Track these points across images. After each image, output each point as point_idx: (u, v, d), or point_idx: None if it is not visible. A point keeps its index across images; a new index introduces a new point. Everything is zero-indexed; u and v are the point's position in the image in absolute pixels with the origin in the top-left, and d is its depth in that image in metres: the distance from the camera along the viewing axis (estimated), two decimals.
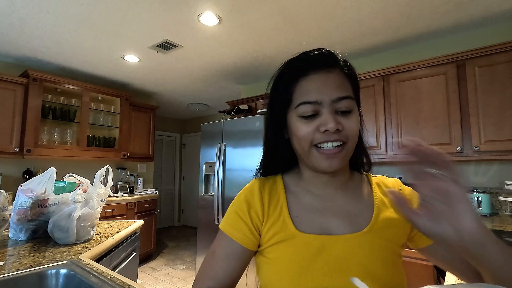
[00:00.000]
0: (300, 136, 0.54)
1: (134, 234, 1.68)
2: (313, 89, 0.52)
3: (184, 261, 3.81)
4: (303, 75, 0.54)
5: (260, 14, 2.21)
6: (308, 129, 0.52)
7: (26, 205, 1.28)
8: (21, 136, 2.95)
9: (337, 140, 0.51)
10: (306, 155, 0.55)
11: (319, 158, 0.52)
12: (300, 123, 0.54)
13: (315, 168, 0.55)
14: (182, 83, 3.95)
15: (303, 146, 0.54)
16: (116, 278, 0.87)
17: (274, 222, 0.57)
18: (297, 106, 0.54)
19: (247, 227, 0.57)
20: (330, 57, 0.55)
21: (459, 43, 2.48)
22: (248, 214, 0.58)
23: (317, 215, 0.57)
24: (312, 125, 0.52)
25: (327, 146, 0.52)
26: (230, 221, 0.59)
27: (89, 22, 2.35)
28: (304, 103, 0.53)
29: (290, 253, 0.53)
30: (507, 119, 1.97)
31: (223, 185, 2.90)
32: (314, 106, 0.52)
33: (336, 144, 0.51)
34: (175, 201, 6.32)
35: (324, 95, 0.52)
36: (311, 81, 0.53)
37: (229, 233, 0.58)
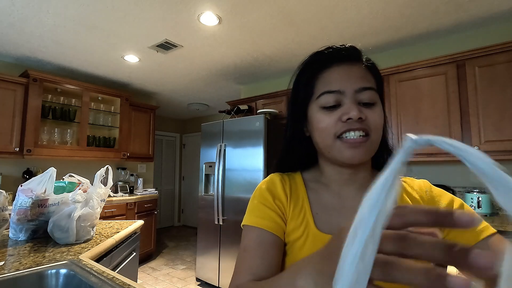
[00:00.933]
0: (322, 127, 0.52)
1: (134, 234, 1.68)
2: (336, 79, 0.52)
3: (184, 261, 3.81)
4: (325, 67, 0.53)
5: (260, 14, 2.21)
6: (330, 119, 0.51)
7: (26, 205, 1.28)
8: (21, 136, 2.95)
9: (360, 129, 0.49)
10: (328, 149, 0.52)
11: (342, 148, 0.50)
12: (322, 114, 0.52)
13: (338, 161, 0.53)
14: (182, 83, 3.95)
15: (325, 138, 0.52)
16: (116, 278, 0.87)
17: (296, 216, 0.55)
18: (318, 97, 0.53)
19: (276, 214, 0.55)
20: (354, 51, 0.55)
21: (459, 43, 2.48)
22: (273, 202, 0.56)
23: (336, 214, 0.55)
24: (334, 116, 0.50)
25: (350, 136, 0.49)
26: (256, 212, 0.55)
27: (89, 22, 2.35)
28: (326, 93, 0.51)
29: (305, 252, 0.52)
30: (507, 119, 1.98)
31: (223, 185, 2.90)
32: (337, 95, 0.51)
33: (360, 133, 0.49)
34: (175, 201, 6.32)
35: (347, 85, 0.51)
36: (334, 72, 0.53)
37: (258, 224, 0.53)
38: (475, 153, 0.22)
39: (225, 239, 2.84)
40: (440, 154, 2.21)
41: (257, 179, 2.65)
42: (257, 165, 2.66)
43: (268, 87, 3.80)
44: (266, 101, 3.40)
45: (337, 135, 0.50)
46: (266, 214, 0.54)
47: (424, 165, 2.57)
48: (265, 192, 0.57)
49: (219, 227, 2.90)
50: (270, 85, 3.80)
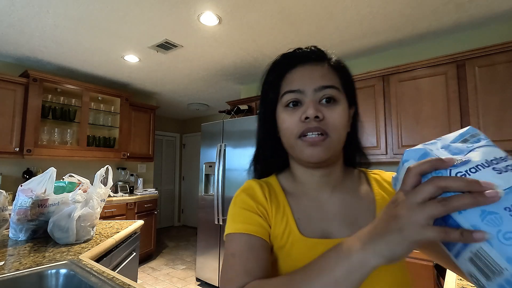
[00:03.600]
0: (285, 127, 0.53)
1: (134, 234, 1.68)
2: (298, 79, 0.53)
3: (184, 261, 3.81)
4: (291, 68, 0.55)
5: (260, 14, 2.21)
6: (293, 119, 0.52)
7: (26, 205, 1.28)
8: (21, 136, 2.95)
9: (318, 129, 0.50)
10: (292, 148, 0.54)
11: (303, 147, 0.51)
12: (285, 114, 0.53)
13: (300, 160, 0.55)
14: (182, 83, 3.95)
15: (288, 138, 0.53)
16: (116, 278, 0.87)
17: (280, 222, 0.54)
18: (281, 96, 0.54)
19: (261, 218, 0.54)
20: (318, 53, 0.56)
21: (459, 43, 2.48)
22: (256, 207, 0.55)
23: (316, 218, 0.55)
24: (296, 116, 0.52)
25: (309, 135, 0.51)
26: (241, 218, 0.54)
27: (89, 22, 2.35)
28: (287, 92, 0.53)
29: (294, 259, 0.51)
30: (507, 119, 1.98)
31: (223, 185, 2.90)
32: (297, 94, 0.52)
33: (317, 133, 0.50)
34: (175, 201, 6.32)
35: (307, 84, 0.52)
36: (297, 73, 0.54)
37: (245, 230, 0.51)
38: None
39: None
40: None
41: None
42: None
43: None
44: None
45: (298, 135, 0.51)
46: (251, 219, 0.53)
47: None
48: (246, 198, 0.56)
49: (219, 227, 2.90)
50: None
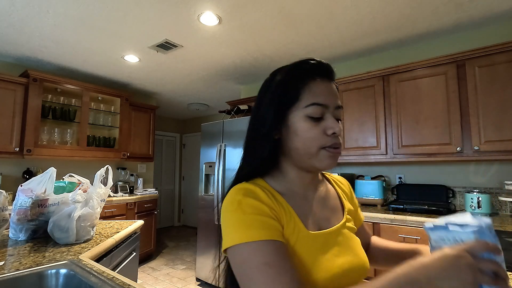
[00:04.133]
0: (308, 137, 0.56)
1: (134, 234, 1.68)
2: (322, 93, 0.57)
3: (184, 261, 3.81)
4: (312, 78, 0.58)
5: (260, 14, 2.21)
6: (317, 131, 0.56)
7: (26, 205, 1.28)
8: (21, 136, 2.95)
9: (338, 144, 0.58)
10: (309, 156, 0.57)
11: (324, 157, 0.57)
12: (308, 124, 0.56)
13: (313, 167, 0.59)
14: (182, 83, 3.95)
15: (310, 147, 0.56)
16: (116, 278, 0.87)
17: (288, 221, 0.55)
18: (307, 106, 0.56)
19: (277, 222, 0.53)
20: (331, 70, 0.61)
21: (459, 43, 2.48)
22: (269, 211, 0.53)
23: (310, 213, 0.61)
24: (319, 128, 0.56)
25: (332, 148, 0.57)
26: (257, 224, 0.50)
27: (89, 22, 2.35)
28: (315, 104, 0.56)
29: (303, 254, 0.54)
30: (507, 119, 1.98)
31: (223, 185, 2.90)
32: (322, 109, 0.57)
33: (336, 146, 0.57)
34: (175, 201, 6.32)
35: (331, 101, 0.58)
36: (321, 85, 0.58)
37: (267, 236, 0.49)
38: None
39: None
40: (440, 154, 2.22)
41: None
42: None
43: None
44: None
45: (321, 146, 0.56)
46: (269, 223, 0.51)
47: (424, 165, 2.57)
48: (255, 202, 0.53)
49: (219, 227, 2.90)
50: None
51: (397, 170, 2.71)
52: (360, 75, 2.64)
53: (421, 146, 2.30)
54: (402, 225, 2.06)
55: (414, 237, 1.99)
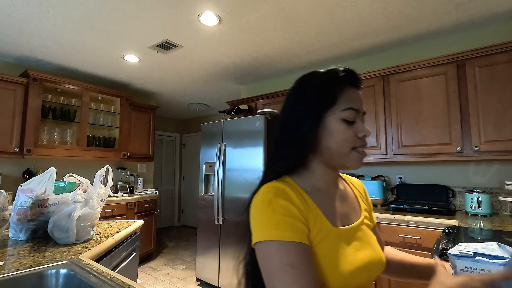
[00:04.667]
0: (343, 138, 0.62)
1: (134, 234, 1.68)
2: (357, 99, 0.64)
3: (184, 261, 3.81)
4: (347, 85, 0.64)
5: (260, 14, 2.21)
6: (350, 133, 0.62)
7: (26, 205, 1.28)
8: (21, 136, 2.95)
9: (366, 146, 0.65)
10: (340, 155, 0.62)
11: (355, 158, 0.63)
12: (343, 126, 0.62)
13: (343, 166, 0.64)
14: (182, 83, 3.95)
15: (343, 147, 0.62)
16: (116, 278, 0.87)
17: (314, 220, 0.59)
18: (344, 110, 0.62)
19: (304, 225, 0.56)
20: (360, 79, 0.68)
21: (459, 43, 2.48)
22: (299, 213, 0.56)
23: (334, 209, 0.65)
24: (352, 131, 0.62)
25: (361, 149, 0.63)
26: (285, 226, 0.54)
27: (89, 22, 2.35)
28: (351, 109, 0.62)
29: (328, 250, 0.58)
30: (507, 119, 1.98)
31: (223, 185, 2.90)
32: (356, 113, 0.63)
33: (365, 147, 0.64)
34: (175, 201, 6.32)
35: (361, 107, 0.64)
36: (354, 92, 0.64)
37: (293, 238, 0.53)
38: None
39: (225, 239, 2.84)
40: (440, 154, 2.22)
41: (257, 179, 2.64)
42: (257, 165, 2.66)
43: (268, 87, 3.80)
44: (266, 101, 3.40)
45: (352, 147, 0.62)
46: (296, 226, 0.54)
47: (424, 165, 2.57)
48: (286, 203, 0.56)
49: (219, 227, 2.90)
50: (270, 85, 3.80)
51: (397, 170, 2.71)
52: (360, 75, 2.62)
53: (421, 146, 2.30)
54: (402, 225, 2.06)
55: (414, 236, 1.99)
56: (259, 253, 0.54)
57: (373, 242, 0.67)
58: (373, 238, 0.68)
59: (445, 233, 1.52)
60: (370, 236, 0.67)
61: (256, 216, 0.56)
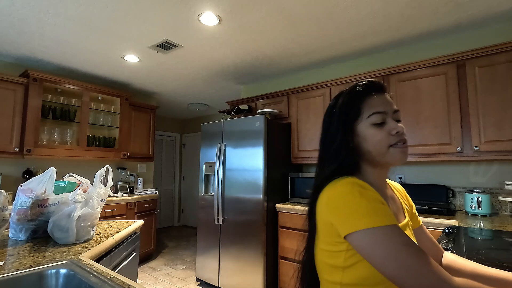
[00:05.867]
0: (378, 140, 0.68)
1: (134, 234, 1.68)
2: (380, 103, 0.70)
3: (184, 261, 3.81)
4: (369, 95, 0.71)
5: (260, 14, 2.21)
6: (383, 134, 0.68)
7: (26, 205, 1.28)
8: (21, 136, 2.95)
9: (405, 140, 0.69)
10: (382, 155, 0.68)
11: (396, 152, 0.67)
12: (374, 130, 0.68)
13: (388, 163, 0.70)
14: (182, 83, 3.95)
15: (380, 148, 0.68)
16: (116, 278, 0.87)
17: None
18: (369, 116, 0.69)
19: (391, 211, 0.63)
20: (381, 85, 0.74)
21: (459, 43, 2.48)
22: (384, 201, 0.63)
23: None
24: (384, 131, 0.68)
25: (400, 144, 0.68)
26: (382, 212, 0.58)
27: (89, 22, 2.35)
28: (376, 113, 0.69)
29: None
30: (507, 119, 1.98)
31: (223, 185, 2.90)
32: (383, 115, 0.69)
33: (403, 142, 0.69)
34: (175, 201, 6.32)
35: (388, 108, 0.70)
36: (376, 98, 0.71)
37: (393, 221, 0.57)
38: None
39: (225, 239, 2.84)
40: (440, 154, 2.21)
41: (257, 179, 2.64)
42: (257, 165, 2.66)
43: (268, 87, 3.80)
44: (266, 101, 3.40)
45: (389, 145, 0.68)
46: (389, 212, 0.60)
47: (424, 165, 2.57)
48: (374, 193, 0.61)
49: (219, 227, 2.90)
50: (270, 85, 3.80)
51: (397, 170, 2.71)
52: (360, 75, 2.64)
53: (421, 146, 2.30)
54: None
55: None
56: (362, 241, 0.56)
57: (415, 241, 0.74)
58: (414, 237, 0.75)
59: (445, 233, 1.52)
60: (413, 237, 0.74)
61: (346, 206, 0.59)
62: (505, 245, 1.30)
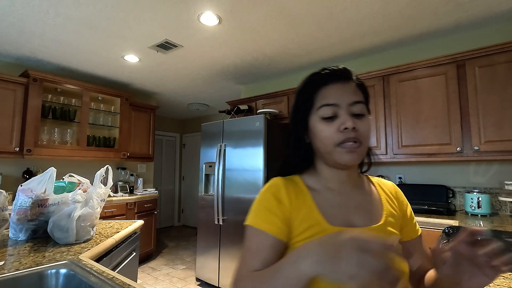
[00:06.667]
0: (324, 136, 0.61)
1: (134, 234, 1.68)
2: (332, 94, 0.62)
3: (184, 261, 3.81)
4: (323, 84, 0.63)
5: (260, 14, 2.21)
6: (331, 129, 0.60)
7: (26, 205, 1.28)
8: (21, 136, 2.95)
9: (354, 139, 0.59)
10: (329, 153, 0.62)
11: (342, 153, 0.60)
12: (322, 125, 0.61)
13: (336, 164, 0.62)
14: (182, 83, 3.95)
15: (327, 145, 0.61)
16: (116, 278, 0.87)
17: (306, 217, 0.61)
18: (318, 109, 0.62)
19: (279, 220, 0.60)
20: (346, 71, 0.65)
21: (459, 43, 2.48)
22: (278, 208, 0.61)
23: (340, 209, 0.63)
24: (333, 126, 0.60)
25: (347, 143, 0.59)
26: (261, 216, 0.61)
27: (89, 22, 2.35)
28: (324, 105, 0.61)
29: None
30: (507, 119, 1.98)
31: (223, 185, 2.90)
32: (333, 108, 0.61)
33: (353, 141, 0.59)
34: (175, 201, 6.31)
35: (342, 99, 0.61)
36: (331, 89, 0.63)
37: (262, 227, 0.59)
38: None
39: (225, 239, 2.84)
40: (440, 154, 2.22)
41: (257, 179, 2.64)
42: (257, 165, 2.66)
43: (268, 87, 3.80)
44: (266, 101, 3.40)
45: (337, 144, 0.60)
46: (270, 218, 0.60)
47: (424, 165, 2.57)
48: (271, 198, 0.62)
49: (219, 227, 2.90)
50: (270, 85, 3.80)
51: (397, 170, 2.71)
52: (360, 75, 2.64)
53: (421, 146, 2.30)
54: None
55: None
56: (246, 232, 0.62)
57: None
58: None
59: (445, 233, 1.52)
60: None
61: (253, 204, 0.64)
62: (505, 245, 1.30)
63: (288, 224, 0.60)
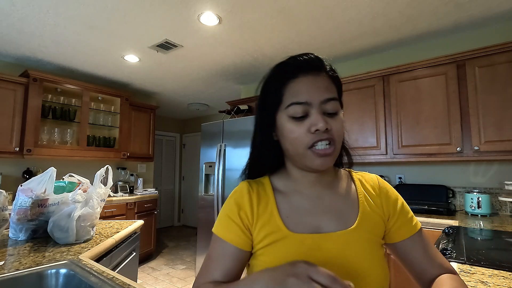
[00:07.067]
0: (294, 137, 0.55)
1: (134, 234, 1.68)
2: (303, 90, 0.55)
3: (184, 261, 3.81)
4: (292, 77, 0.56)
5: (260, 14, 2.21)
6: (301, 130, 0.54)
7: (26, 205, 1.28)
8: (21, 136, 2.95)
9: (328, 139, 0.53)
10: (299, 156, 0.56)
11: (313, 157, 0.54)
12: (292, 125, 0.55)
13: (307, 167, 0.57)
14: (182, 83, 3.95)
15: (297, 148, 0.55)
16: (116, 278, 0.87)
17: (265, 223, 0.58)
18: (287, 107, 0.55)
19: (239, 228, 0.58)
20: (318, 61, 0.58)
21: (459, 43, 2.48)
22: (238, 215, 0.59)
23: (307, 214, 0.59)
24: (303, 127, 0.54)
25: (320, 146, 0.54)
26: (222, 223, 0.61)
27: (89, 22, 2.35)
28: (294, 104, 0.55)
29: (282, 254, 0.55)
30: (507, 119, 1.98)
31: (223, 185, 2.90)
32: (304, 107, 0.54)
33: (326, 143, 0.54)
34: (175, 201, 6.31)
35: (314, 97, 0.54)
36: (301, 83, 0.55)
37: (222, 235, 0.59)
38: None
39: None
40: (440, 154, 2.21)
41: None
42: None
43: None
44: None
45: (308, 146, 0.54)
46: (231, 227, 0.59)
47: (424, 165, 2.57)
48: (232, 205, 0.61)
49: None
50: None
51: (397, 170, 2.71)
52: (360, 75, 2.64)
53: (421, 146, 2.30)
54: None
55: None
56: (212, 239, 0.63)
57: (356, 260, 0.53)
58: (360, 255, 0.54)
59: (445, 233, 1.52)
60: (355, 251, 0.54)
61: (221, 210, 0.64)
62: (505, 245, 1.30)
63: (249, 232, 0.58)
